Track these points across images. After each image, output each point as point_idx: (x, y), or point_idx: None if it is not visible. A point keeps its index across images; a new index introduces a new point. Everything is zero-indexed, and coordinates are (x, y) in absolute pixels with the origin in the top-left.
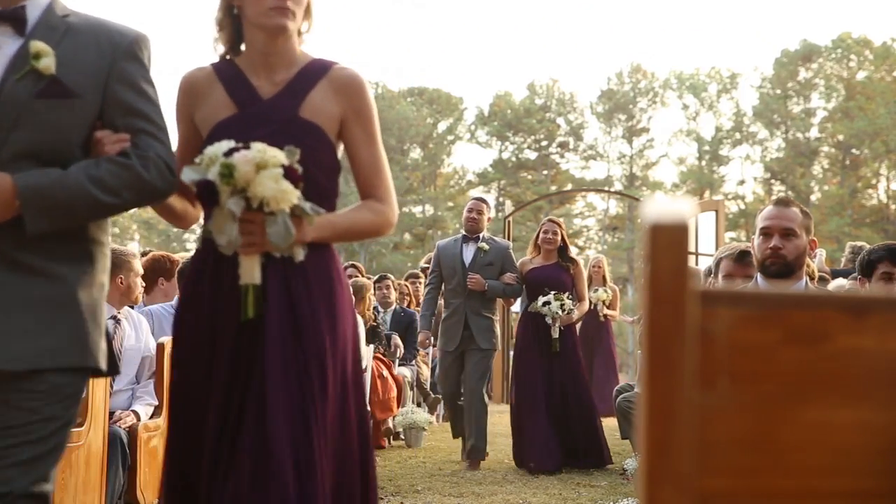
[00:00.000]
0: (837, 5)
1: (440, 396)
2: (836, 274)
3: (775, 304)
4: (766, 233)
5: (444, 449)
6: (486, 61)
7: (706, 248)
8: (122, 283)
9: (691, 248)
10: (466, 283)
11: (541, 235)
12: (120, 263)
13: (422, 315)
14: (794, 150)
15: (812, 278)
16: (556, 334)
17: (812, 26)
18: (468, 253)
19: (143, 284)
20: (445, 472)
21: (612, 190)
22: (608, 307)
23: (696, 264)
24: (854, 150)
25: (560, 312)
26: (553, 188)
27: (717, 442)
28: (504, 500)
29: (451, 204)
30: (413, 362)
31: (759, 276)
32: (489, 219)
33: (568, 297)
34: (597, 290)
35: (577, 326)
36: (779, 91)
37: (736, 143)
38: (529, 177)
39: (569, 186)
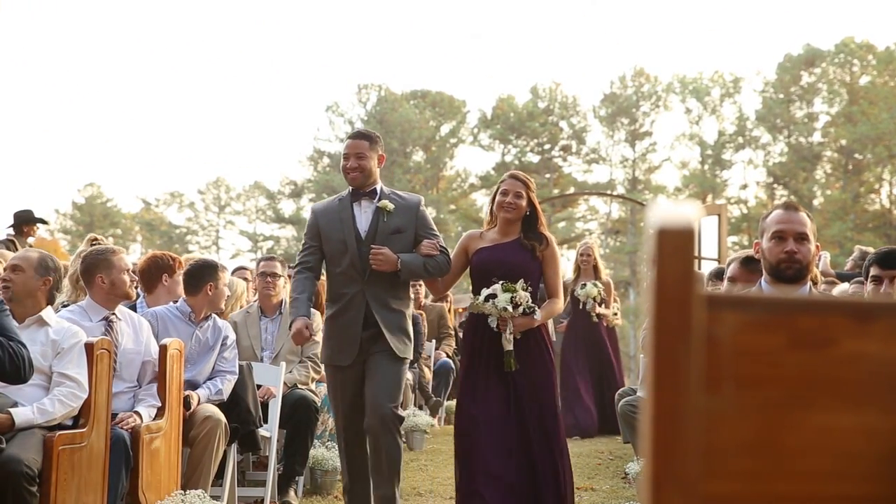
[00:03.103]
0: (840, 10)
1: (440, 401)
2: (841, 277)
3: (781, 309)
4: (781, 236)
5: (446, 452)
6: (489, 64)
7: (709, 252)
8: (103, 281)
9: (694, 253)
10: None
11: (498, 198)
12: (97, 262)
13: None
14: (796, 155)
15: (815, 283)
16: (508, 345)
17: (815, 31)
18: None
19: (134, 279)
20: (447, 476)
21: (615, 194)
22: (601, 305)
23: (699, 268)
24: (857, 155)
25: (510, 311)
26: (555, 192)
27: (721, 446)
28: None
29: (453, 207)
30: (415, 365)
31: (763, 280)
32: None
33: (524, 288)
34: (584, 285)
35: (556, 332)
36: (782, 95)
37: (739, 148)
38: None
39: (571, 190)
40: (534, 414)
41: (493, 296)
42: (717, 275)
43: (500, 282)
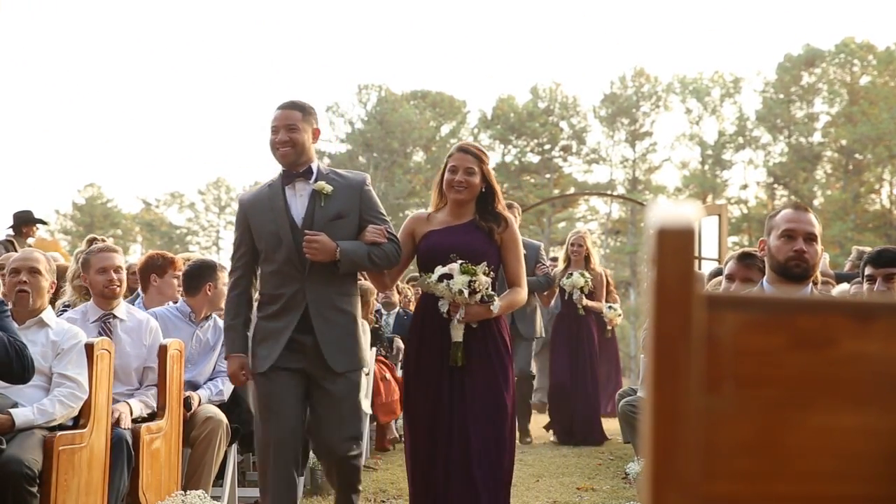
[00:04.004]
0: (841, 10)
1: None
2: (840, 278)
3: (781, 309)
4: (790, 235)
5: None
6: (489, 65)
7: (709, 252)
8: (85, 281)
9: (695, 253)
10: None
11: (446, 176)
12: (82, 263)
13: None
14: (797, 155)
15: (815, 283)
16: (457, 335)
17: (815, 31)
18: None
19: (117, 279)
20: None
21: (615, 194)
22: (589, 297)
23: (699, 268)
24: (857, 155)
25: (466, 296)
26: (556, 192)
27: (722, 446)
28: None
29: None
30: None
31: (765, 280)
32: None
33: (485, 273)
34: (570, 274)
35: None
36: (782, 95)
37: (739, 148)
38: (532, 180)
39: (571, 190)
40: (479, 422)
41: (449, 276)
42: (718, 274)
43: (460, 261)
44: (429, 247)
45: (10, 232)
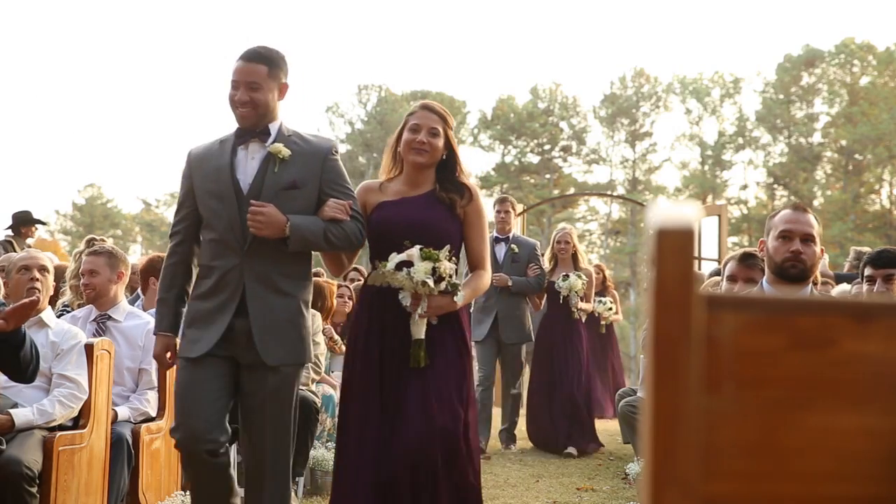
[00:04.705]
0: (841, 10)
1: None
2: (839, 278)
3: (781, 310)
4: (787, 236)
5: None
6: (489, 65)
7: (709, 252)
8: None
9: (694, 254)
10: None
11: (405, 135)
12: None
13: None
14: (796, 155)
15: (815, 283)
16: (418, 332)
17: (815, 31)
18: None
19: (84, 283)
20: None
21: (615, 194)
22: (583, 299)
23: (699, 269)
24: (857, 156)
25: (431, 286)
26: (556, 192)
27: (721, 446)
28: (505, 503)
29: None
30: None
31: (764, 280)
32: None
33: (449, 257)
34: (566, 276)
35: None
36: (782, 96)
37: (739, 148)
38: (532, 181)
39: (571, 190)
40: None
41: (408, 263)
42: (717, 275)
43: (418, 246)
44: (382, 220)
45: (10, 232)
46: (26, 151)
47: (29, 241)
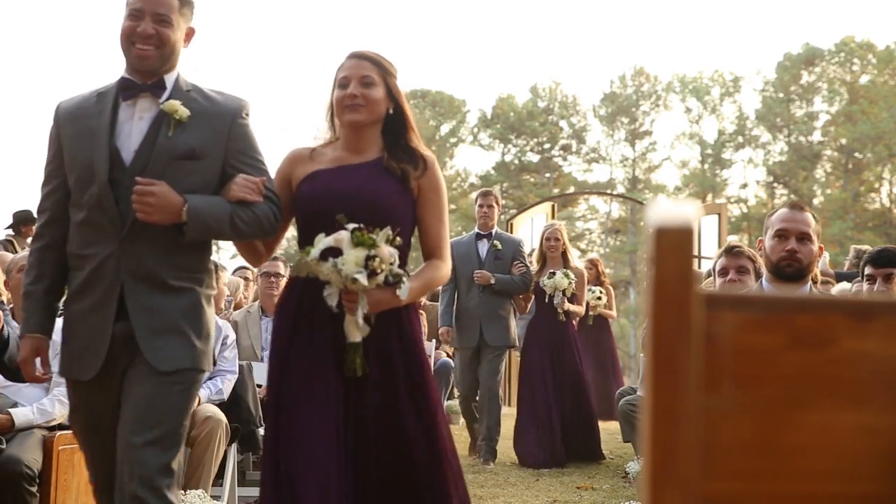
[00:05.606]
0: (840, 9)
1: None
2: (839, 277)
3: (780, 308)
4: (783, 235)
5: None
6: (489, 64)
7: (709, 251)
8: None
9: (694, 252)
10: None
11: (336, 92)
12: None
13: (442, 312)
14: (796, 154)
15: (815, 282)
16: (354, 335)
17: (815, 30)
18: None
19: None
20: None
21: (615, 193)
22: (572, 300)
23: (699, 268)
24: (857, 154)
25: (363, 281)
26: (555, 191)
27: (721, 445)
28: (506, 502)
29: (453, 206)
30: None
31: (763, 279)
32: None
33: (391, 239)
34: (552, 273)
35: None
36: (781, 94)
37: (738, 147)
38: (532, 180)
39: (571, 189)
40: (388, 451)
41: (336, 251)
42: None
43: (350, 226)
44: (313, 193)
45: (10, 232)
46: (27, 151)
47: (29, 240)
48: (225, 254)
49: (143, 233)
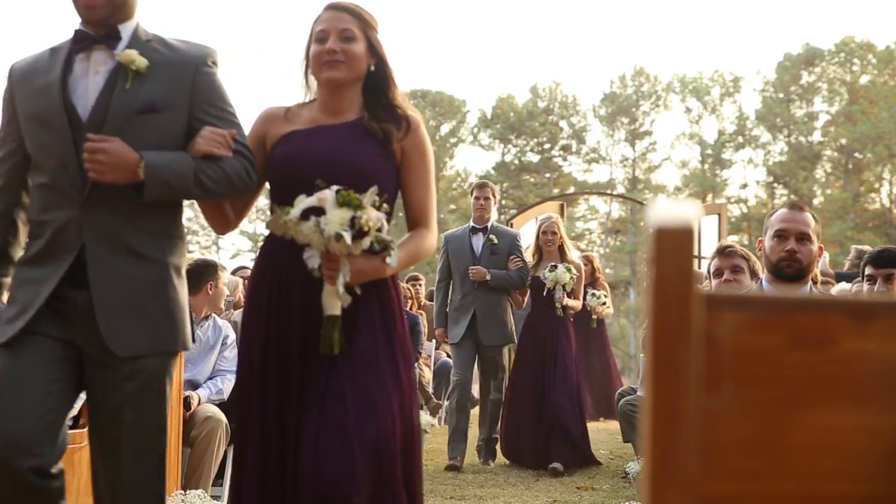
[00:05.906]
0: (840, 9)
1: (441, 403)
2: (839, 277)
3: (780, 308)
4: (782, 235)
5: (446, 451)
6: (489, 64)
7: (709, 251)
8: None
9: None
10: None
11: (313, 48)
12: None
13: (436, 311)
14: (796, 154)
15: (815, 282)
16: (333, 306)
17: (815, 30)
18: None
19: None
20: (447, 475)
21: (615, 193)
22: (570, 295)
23: (699, 268)
24: (857, 154)
25: (348, 242)
26: (555, 191)
27: (721, 445)
28: (506, 502)
29: (453, 206)
30: (415, 365)
31: (763, 280)
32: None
33: (376, 203)
34: (554, 267)
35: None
36: (781, 95)
37: (738, 147)
38: (532, 180)
39: (571, 189)
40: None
41: (319, 210)
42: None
43: (334, 187)
44: (288, 155)
45: None
46: None
47: None
48: (225, 254)
49: (107, 194)
